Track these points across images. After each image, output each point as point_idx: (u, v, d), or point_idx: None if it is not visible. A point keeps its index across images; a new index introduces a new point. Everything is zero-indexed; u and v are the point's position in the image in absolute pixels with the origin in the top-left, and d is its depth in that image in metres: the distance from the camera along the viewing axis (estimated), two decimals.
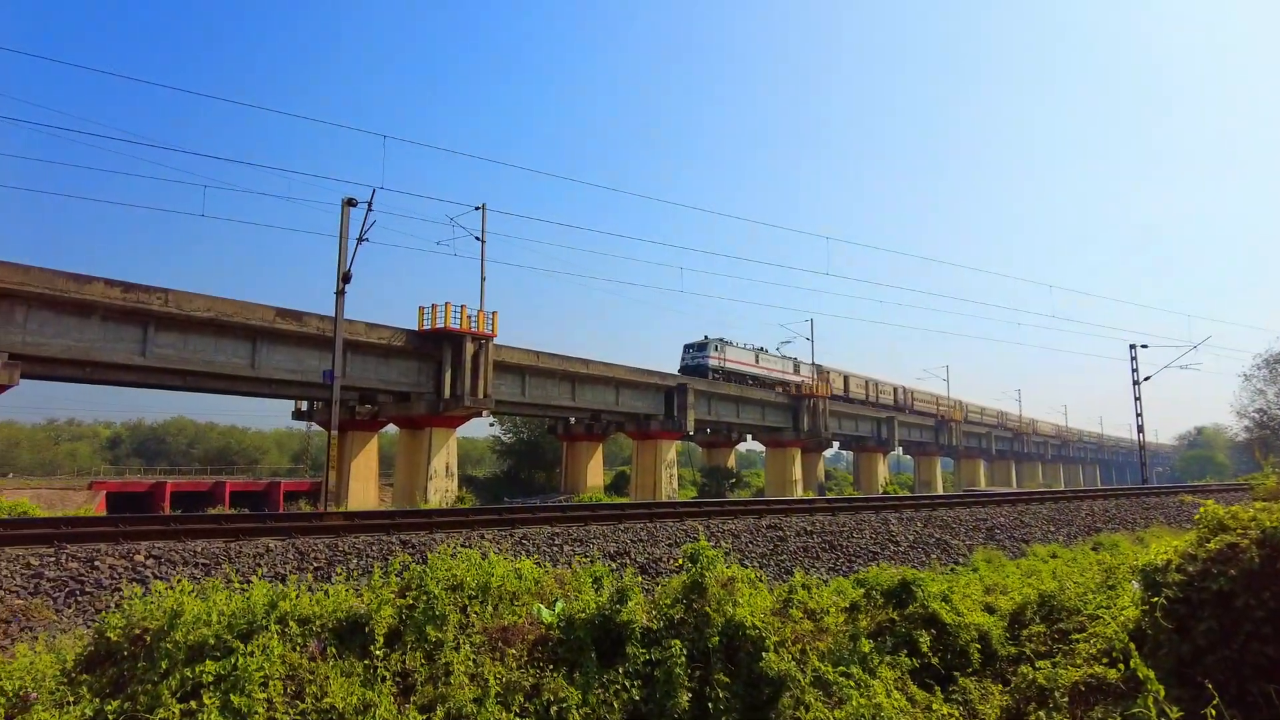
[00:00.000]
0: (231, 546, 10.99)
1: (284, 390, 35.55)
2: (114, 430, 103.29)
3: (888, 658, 8.10)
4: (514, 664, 7.03)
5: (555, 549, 12.95)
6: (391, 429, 42.23)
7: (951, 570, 15.33)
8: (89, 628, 8.35)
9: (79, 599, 8.95)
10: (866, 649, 8.02)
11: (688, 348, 56.15)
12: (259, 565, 10.44)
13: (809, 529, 17.11)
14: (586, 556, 12.41)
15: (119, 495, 46.43)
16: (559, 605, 7.96)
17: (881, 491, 59.42)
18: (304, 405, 40.38)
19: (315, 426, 46.68)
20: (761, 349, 59.97)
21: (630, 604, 7.55)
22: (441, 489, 35.55)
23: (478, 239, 38.67)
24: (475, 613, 7.46)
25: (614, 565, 11.11)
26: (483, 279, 39.18)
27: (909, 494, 51.86)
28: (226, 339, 30.42)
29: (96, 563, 9.65)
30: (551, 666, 7.06)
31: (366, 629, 6.91)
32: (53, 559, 9.58)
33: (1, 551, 9.58)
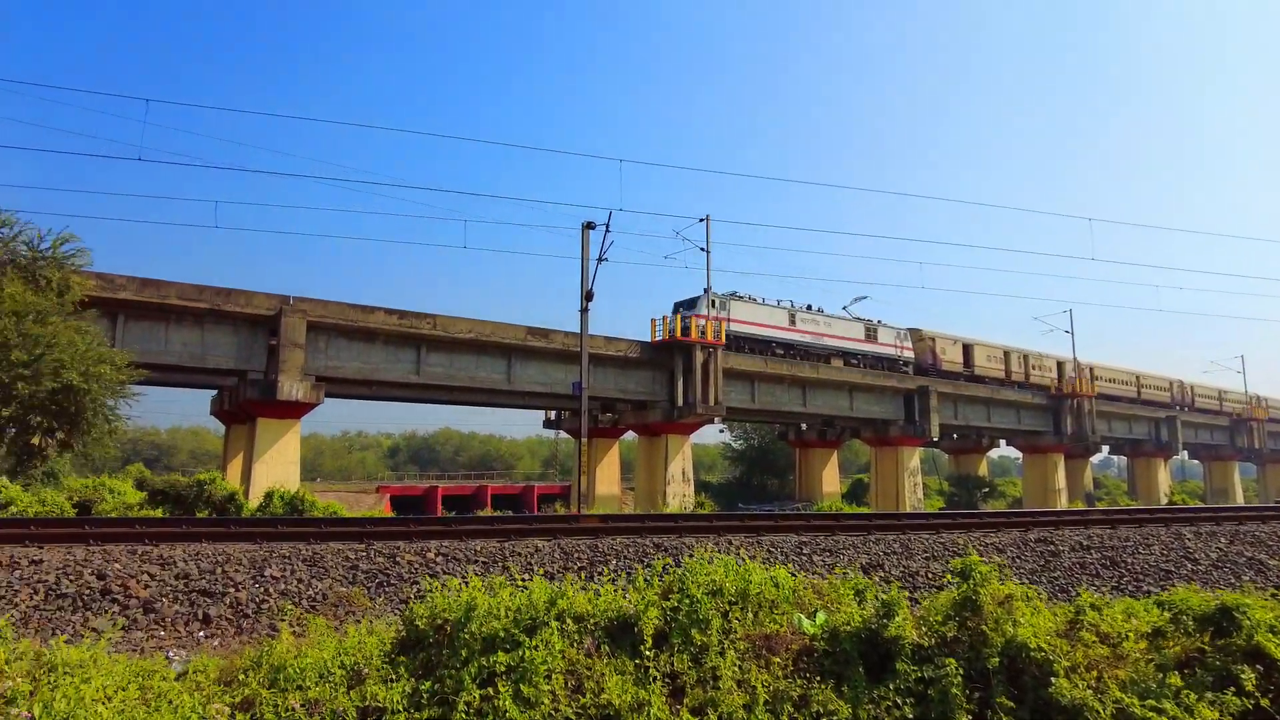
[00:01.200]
0: (505, 546, 12.02)
1: (534, 401, 38.40)
2: (393, 441, 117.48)
3: (1207, 695, 7.06)
4: (779, 672, 7.00)
5: (804, 558, 12.76)
6: (630, 435, 44.04)
7: (1273, 596, 13.11)
8: (396, 615, 9.50)
9: (386, 589, 10.23)
10: (1178, 683, 7.06)
11: (677, 307, 42.39)
12: (530, 564, 11.31)
13: (1085, 543, 15.44)
14: (838, 567, 12.11)
15: (400, 497, 52.62)
16: (820, 616, 7.82)
17: (1167, 502, 52.02)
18: (552, 415, 43.25)
19: (563, 434, 49.79)
20: (807, 308, 45.67)
21: (897, 619, 7.24)
22: (679, 494, 36.47)
23: (703, 250, 39.40)
24: (736, 618, 7.52)
25: (875, 579, 10.71)
26: (708, 289, 39.85)
27: (1202, 504, 45.12)
28: (485, 356, 33.38)
29: (397, 558, 11.00)
30: (819, 678, 6.95)
31: (635, 629, 7.22)
32: (364, 553, 11.05)
33: (328, 546, 11.24)
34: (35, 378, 20.36)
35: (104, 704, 5.37)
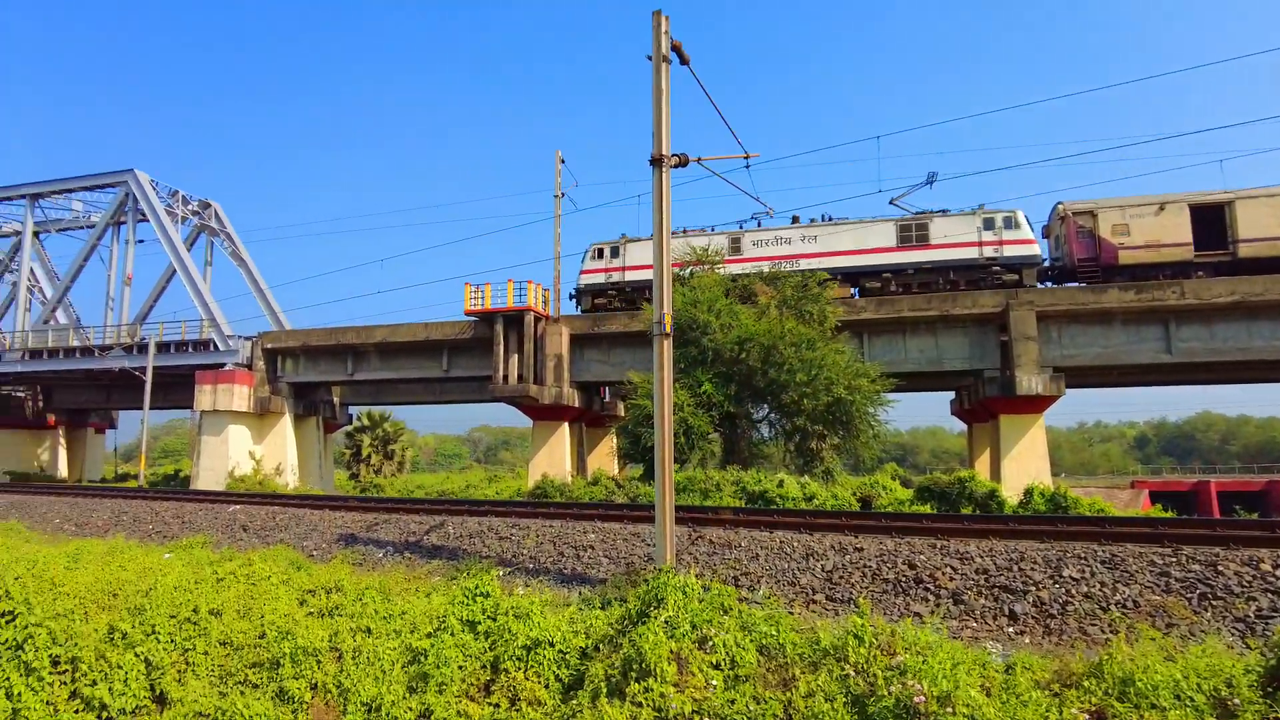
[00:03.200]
0: None
1: None
2: (1138, 430, 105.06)
3: None
4: None
5: None
6: None
7: None
8: (1233, 635, 8.09)
9: (1211, 603, 8.81)
10: None
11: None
12: None
13: None
14: None
15: (1161, 494, 46.35)
16: None
17: None
18: None
19: None
20: (793, 221, 32.97)
21: None
22: None
23: None
24: None
25: None
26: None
27: None
28: (1259, 320, 27.12)
29: (1218, 567, 9.41)
30: None
31: None
32: (1172, 559, 9.79)
33: (1123, 548, 10.36)
34: (814, 394, 24.50)
35: (969, 686, 5.80)
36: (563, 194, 31.37)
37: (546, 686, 8.23)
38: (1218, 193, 28.55)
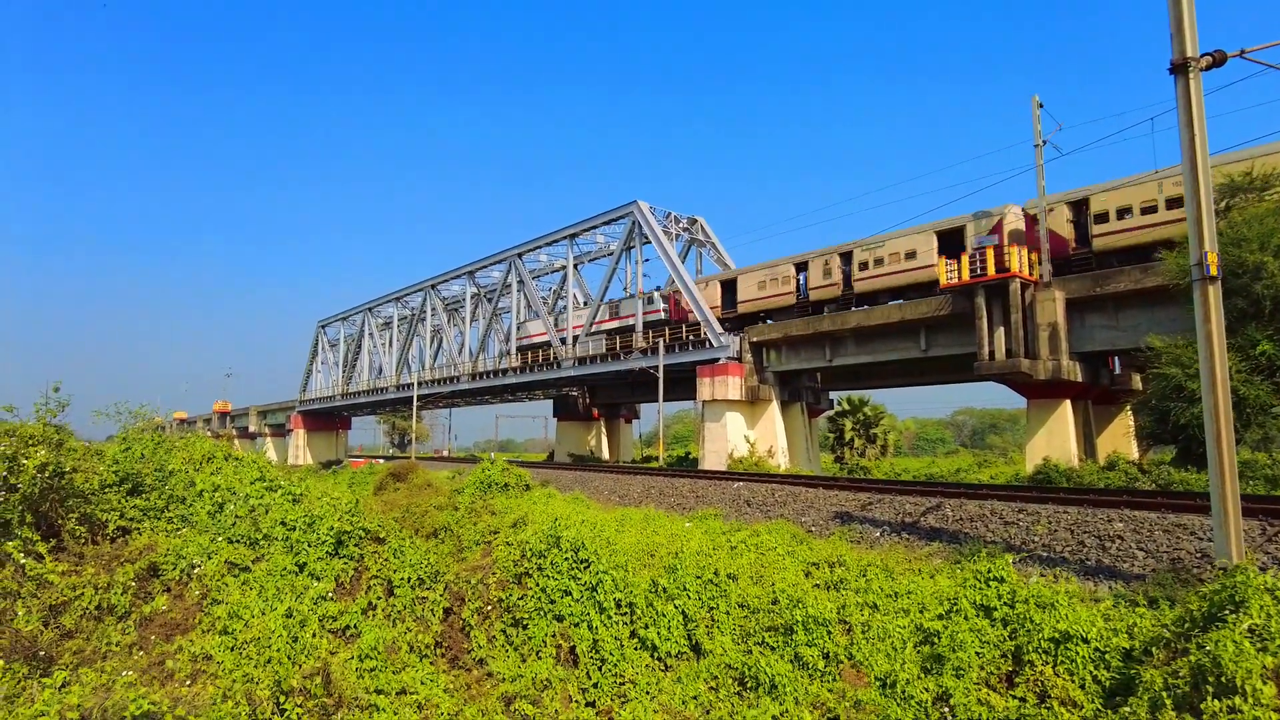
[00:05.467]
0: None
1: None
2: None
3: None
4: None
5: None
6: None
7: None
8: None
9: None
10: None
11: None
12: None
13: None
14: None
15: None
16: None
17: None
18: None
19: None
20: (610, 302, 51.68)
21: None
22: None
23: None
24: None
25: None
26: None
27: None
28: None
29: None
30: None
31: None
32: None
33: None
34: None
35: None
36: (1044, 141, 27.92)
37: (1082, 687, 7.25)
38: (844, 245, 37.51)
